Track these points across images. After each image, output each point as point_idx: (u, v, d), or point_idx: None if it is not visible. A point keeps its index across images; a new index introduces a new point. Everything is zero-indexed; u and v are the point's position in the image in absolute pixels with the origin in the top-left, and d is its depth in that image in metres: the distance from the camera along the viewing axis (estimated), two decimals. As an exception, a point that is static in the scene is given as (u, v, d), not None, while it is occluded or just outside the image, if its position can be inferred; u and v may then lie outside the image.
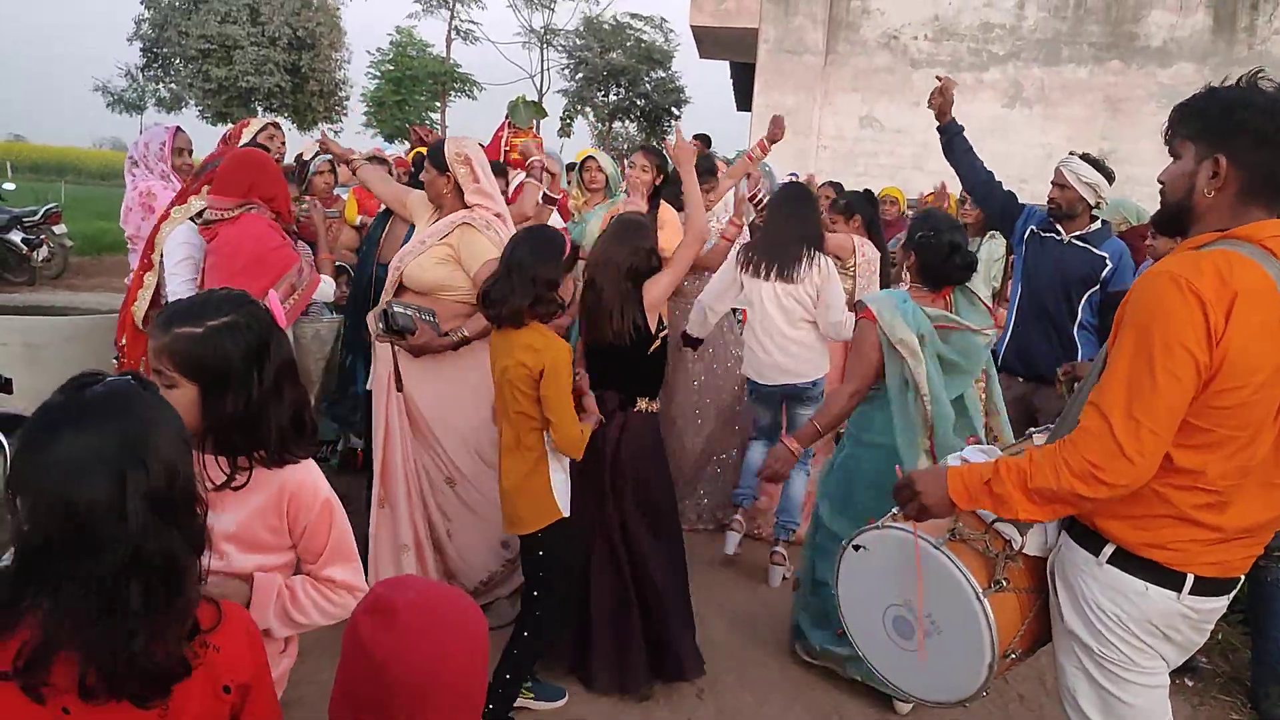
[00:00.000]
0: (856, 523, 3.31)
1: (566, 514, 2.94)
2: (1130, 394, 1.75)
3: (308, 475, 1.80)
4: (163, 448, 1.26)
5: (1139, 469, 1.75)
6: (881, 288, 4.59)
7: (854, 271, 4.70)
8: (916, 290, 3.32)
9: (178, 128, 4.39)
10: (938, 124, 4.30)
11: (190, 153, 4.42)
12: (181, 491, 1.29)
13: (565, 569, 3.05)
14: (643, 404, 3.30)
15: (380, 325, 3.25)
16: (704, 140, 11.34)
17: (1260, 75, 1.82)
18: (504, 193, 4.32)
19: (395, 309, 3.21)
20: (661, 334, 3.25)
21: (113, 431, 1.23)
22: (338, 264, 5.21)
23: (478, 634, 1.37)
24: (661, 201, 4.61)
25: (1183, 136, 1.88)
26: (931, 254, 3.28)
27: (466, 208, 3.51)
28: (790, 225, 4.22)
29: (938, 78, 4.19)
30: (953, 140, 4.38)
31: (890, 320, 3.15)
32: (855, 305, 3.42)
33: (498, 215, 3.56)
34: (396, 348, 3.37)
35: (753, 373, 4.35)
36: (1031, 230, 4.31)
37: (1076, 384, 3.09)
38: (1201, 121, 1.85)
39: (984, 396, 4.32)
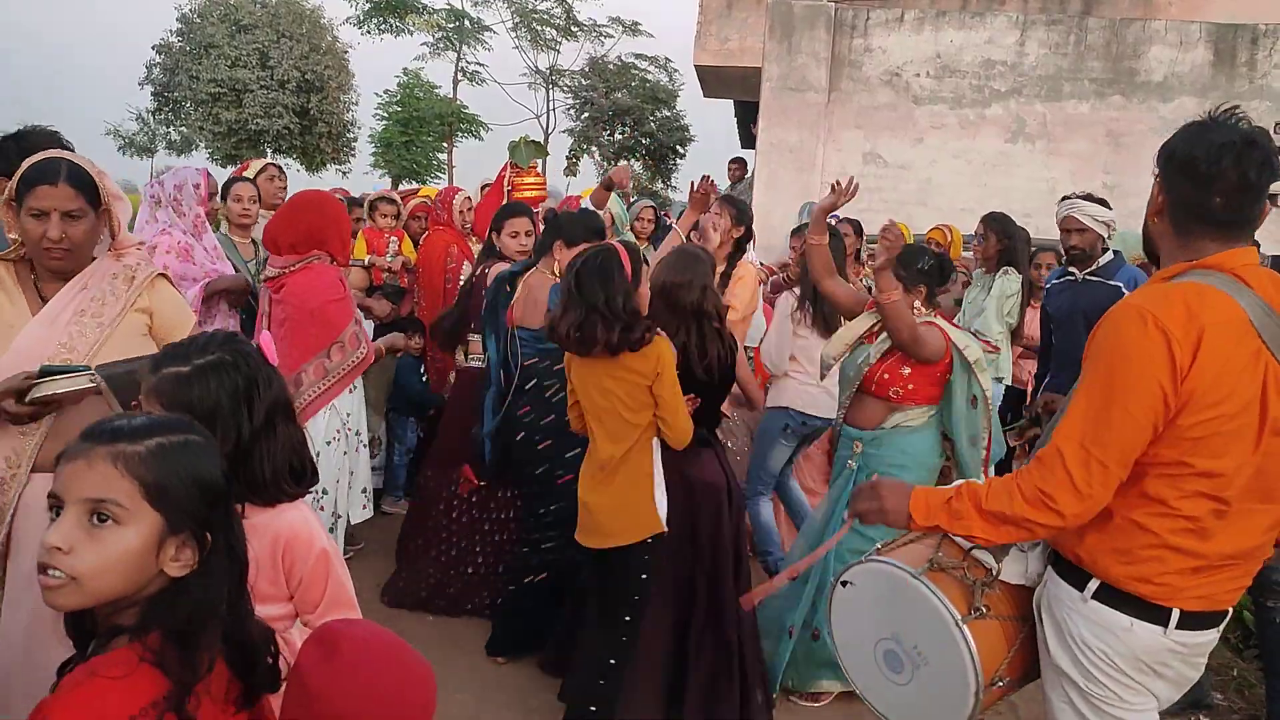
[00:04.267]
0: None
1: (665, 529, 3.01)
2: (1085, 427, 1.77)
3: (303, 524, 1.78)
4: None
5: (1086, 502, 1.76)
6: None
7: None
8: (928, 320, 3.43)
9: (207, 171, 4.25)
10: None
11: (216, 196, 4.37)
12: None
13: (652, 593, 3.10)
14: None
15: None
16: (741, 164, 11.92)
17: (1232, 112, 1.84)
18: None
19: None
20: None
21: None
22: (385, 283, 5.38)
23: (416, 684, 1.36)
24: (743, 259, 4.53)
25: (1156, 164, 1.96)
26: (934, 276, 3.49)
27: (113, 254, 2.50)
28: None
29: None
30: None
31: (963, 341, 3.36)
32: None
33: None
34: None
35: (804, 405, 4.31)
36: (1051, 284, 4.52)
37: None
38: (1159, 154, 1.94)
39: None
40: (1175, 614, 1.83)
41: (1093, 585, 1.89)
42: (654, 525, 2.98)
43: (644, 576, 3.03)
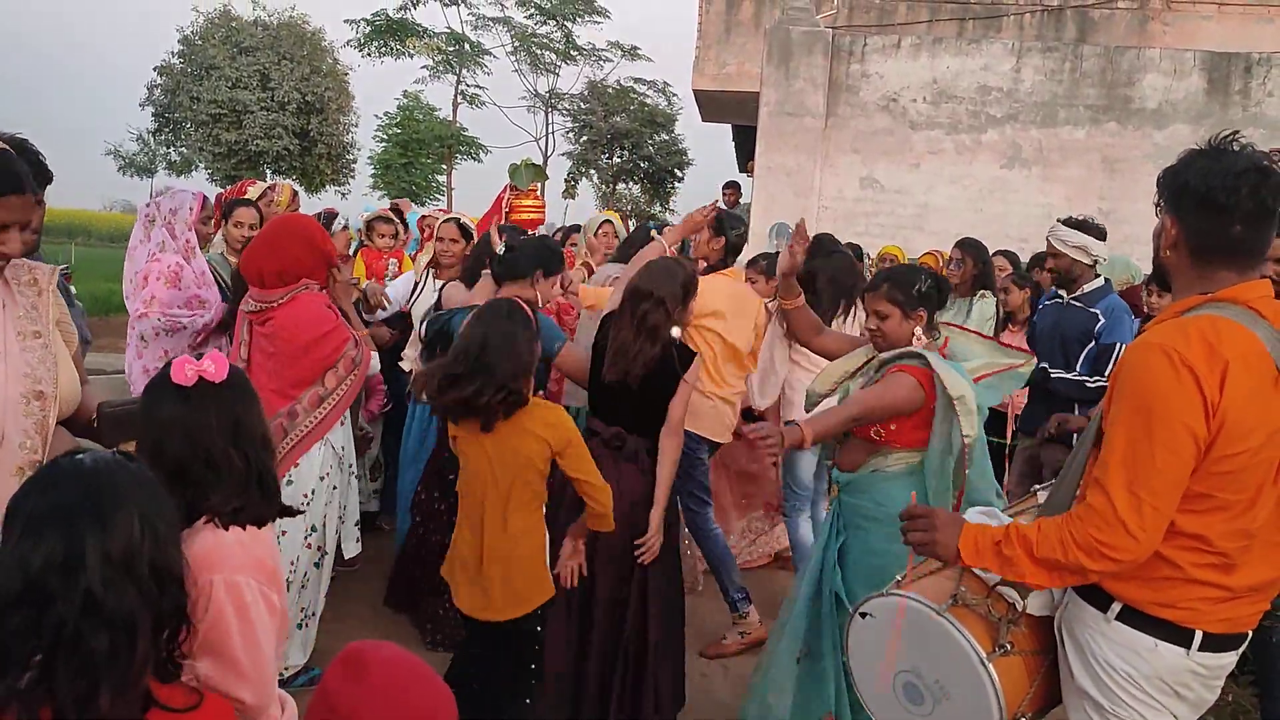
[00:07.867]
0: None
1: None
2: (1131, 471, 1.76)
3: (214, 548, 1.68)
4: (126, 516, 1.28)
5: (1143, 544, 1.76)
6: None
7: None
8: (931, 346, 3.07)
9: (204, 195, 4.29)
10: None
11: (211, 219, 4.41)
12: (149, 562, 1.29)
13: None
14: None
15: None
16: (735, 188, 12.16)
17: (1231, 137, 1.84)
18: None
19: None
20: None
21: (79, 493, 1.27)
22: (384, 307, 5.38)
23: (440, 706, 1.38)
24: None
25: (1159, 196, 1.94)
26: (933, 299, 3.09)
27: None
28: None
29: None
30: None
31: (948, 376, 2.88)
32: (884, 362, 3.12)
33: None
34: None
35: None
36: (1043, 305, 4.71)
37: (1070, 435, 3.09)
38: (1163, 183, 1.92)
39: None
40: (1198, 636, 1.83)
41: (1116, 607, 1.89)
42: (549, 588, 2.84)
43: (540, 632, 2.85)
